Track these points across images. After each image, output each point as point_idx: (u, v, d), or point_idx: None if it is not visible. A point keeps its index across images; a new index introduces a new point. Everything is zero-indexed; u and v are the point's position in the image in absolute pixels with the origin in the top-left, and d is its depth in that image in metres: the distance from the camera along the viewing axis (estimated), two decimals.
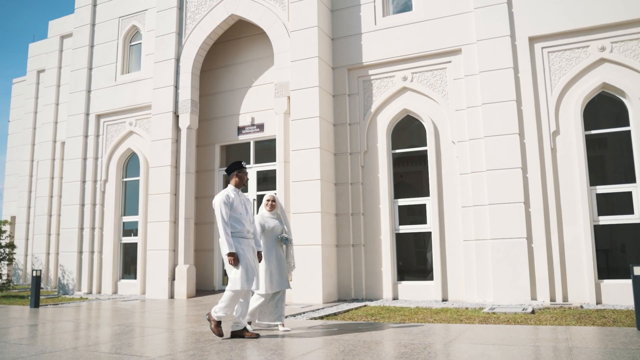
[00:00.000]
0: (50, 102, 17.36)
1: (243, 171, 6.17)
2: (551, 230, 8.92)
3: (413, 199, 10.25)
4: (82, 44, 14.16)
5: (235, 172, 6.12)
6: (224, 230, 5.74)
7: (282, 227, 6.51)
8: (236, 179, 6.11)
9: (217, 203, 5.87)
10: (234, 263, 5.67)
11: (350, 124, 10.70)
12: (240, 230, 5.86)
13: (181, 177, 11.77)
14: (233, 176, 6.12)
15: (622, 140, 8.96)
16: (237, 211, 5.90)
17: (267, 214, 6.50)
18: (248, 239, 5.94)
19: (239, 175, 6.12)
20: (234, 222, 5.85)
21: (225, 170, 6.24)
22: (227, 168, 6.19)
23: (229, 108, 12.48)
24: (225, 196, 5.91)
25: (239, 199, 5.98)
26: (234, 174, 6.12)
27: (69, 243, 13.28)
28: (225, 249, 5.68)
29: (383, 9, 10.85)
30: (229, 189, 6.05)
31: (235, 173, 6.11)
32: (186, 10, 12.39)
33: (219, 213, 5.81)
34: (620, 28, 8.96)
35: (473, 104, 9.62)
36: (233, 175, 6.12)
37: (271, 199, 6.56)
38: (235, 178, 6.11)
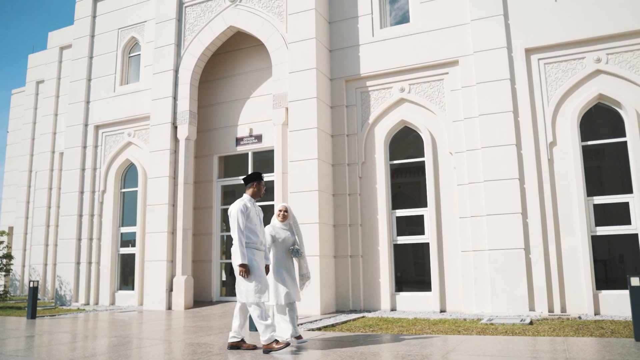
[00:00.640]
0: (49, 112, 17.41)
1: (262, 182, 6.14)
2: (549, 240, 8.93)
3: (411, 210, 10.26)
4: (82, 55, 14.22)
5: (255, 182, 6.07)
6: (238, 240, 5.66)
7: (293, 238, 6.34)
8: (254, 189, 6.06)
9: (234, 212, 5.78)
10: (245, 275, 5.60)
11: (348, 135, 10.74)
12: (254, 242, 5.80)
13: (179, 188, 11.78)
14: (252, 186, 6.06)
15: (619, 150, 9.01)
16: (252, 222, 5.83)
17: (279, 225, 6.34)
18: (261, 250, 5.89)
19: (258, 186, 6.09)
20: (249, 232, 5.78)
21: (243, 179, 6.20)
22: (247, 177, 6.15)
23: (227, 119, 12.52)
24: (243, 205, 5.83)
25: (254, 210, 5.93)
26: (253, 184, 6.07)
27: (67, 254, 13.25)
28: (238, 259, 5.61)
29: (381, 20, 10.94)
30: (246, 198, 5.97)
31: (255, 183, 6.07)
32: (185, 21, 12.46)
33: (235, 222, 5.72)
34: (616, 40, 9.04)
35: (470, 115, 9.67)
36: (252, 185, 6.06)
37: (283, 209, 6.41)
38: (253, 188, 6.06)
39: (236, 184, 12.37)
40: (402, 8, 11.01)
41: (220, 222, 12.41)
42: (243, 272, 5.60)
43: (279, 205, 6.60)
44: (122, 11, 13.90)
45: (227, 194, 12.70)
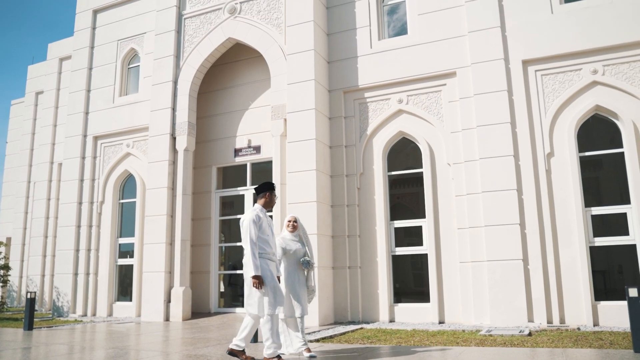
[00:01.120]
0: (48, 123, 17.44)
1: (274, 192, 6.09)
2: (547, 251, 8.93)
3: (409, 221, 10.27)
4: (81, 66, 14.28)
5: (267, 192, 6.02)
6: (251, 251, 5.56)
7: (304, 249, 6.28)
8: (266, 199, 6.00)
9: (247, 222, 5.70)
10: (259, 286, 5.49)
11: (346, 146, 10.77)
12: (267, 252, 5.72)
13: (178, 199, 11.78)
14: (264, 196, 6.01)
15: (617, 161, 9.03)
16: (265, 232, 5.77)
17: (289, 236, 6.28)
18: (274, 261, 5.81)
19: (271, 196, 6.04)
20: (262, 243, 5.70)
21: (255, 189, 6.13)
22: (259, 187, 6.08)
23: (226, 130, 12.55)
24: (256, 215, 5.75)
25: (266, 220, 5.86)
26: (265, 194, 6.01)
27: (65, 265, 13.21)
28: (251, 271, 5.51)
29: (379, 32, 11.01)
30: (258, 208, 5.89)
31: (267, 193, 6.01)
32: (184, 33, 12.53)
33: (248, 232, 5.63)
34: (612, 51, 9.10)
35: (468, 126, 9.70)
36: (264, 195, 6.01)
37: (293, 220, 6.36)
38: (265, 198, 6.00)
39: (235, 195, 12.37)
40: (400, 20, 11.09)
41: (219, 233, 12.40)
42: (257, 284, 5.48)
43: (288, 216, 6.53)
44: (122, 23, 13.98)
45: (226, 205, 12.70)
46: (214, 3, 12.21)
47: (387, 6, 11.24)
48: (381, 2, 11.22)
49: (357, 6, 11.20)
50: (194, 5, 12.55)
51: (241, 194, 12.18)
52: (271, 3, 11.51)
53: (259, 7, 11.63)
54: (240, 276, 11.96)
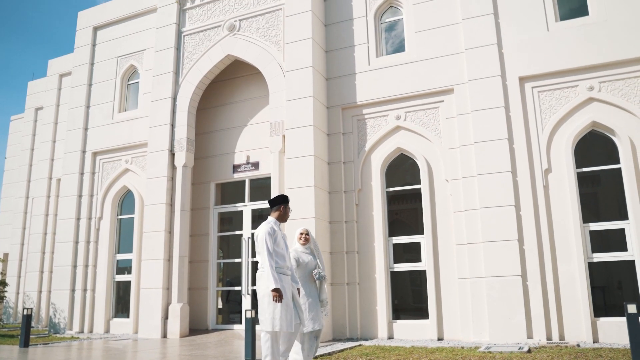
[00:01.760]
0: (47, 139, 17.47)
1: (288, 205, 6.07)
2: (546, 267, 8.91)
3: (407, 237, 10.26)
4: (81, 83, 14.35)
5: (282, 205, 5.99)
6: (269, 264, 5.48)
7: (315, 262, 6.26)
8: (280, 212, 5.97)
9: (262, 234, 5.65)
10: (279, 300, 5.39)
11: (344, 163, 10.79)
12: (281, 266, 5.64)
13: (176, 215, 11.77)
14: (278, 209, 5.98)
15: (615, 177, 9.06)
16: (279, 245, 5.71)
17: (301, 249, 6.27)
18: (287, 275, 5.72)
19: (285, 209, 6.01)
20: (277, 256, 5.63)
21: (269, 202, 6.10)
22: (273, 200, 6.04)
23: (225, 146, 12.58)
24: (270, 228, 5.70)
25: (280, 234, 5.82)
26: (279, 207, 5.98)
27: (62, 281, 13.15)
28: (272, 284, 5.40)
29: (376, 49, 11.10)
30: (272, 221, 5.85)
31: (281, 206, 5.98)
32: (183, 50, 12.62)
33: (264, 245, 5.57)
34: (608, 68, 9.18)
35: (466, 142, 9.74)
36: (278, 208, 5.98)
37: (305, 232, 6.34)
38: (279, 211, 5.97)
39: (233, 211, 12.36)
40: (398, 37, 11.19)
41: (217, 249, 12.36)
42: (277, 297, 5.39)
43: (299, 228, 6.50)
44: (122, 39, 14.08)
45: (224, 221, 12.68)
46: (213, 20, 12.33)
47: (384, 24, 11.35)
48: (379, 19, 11.33)
49: (355, 24, 11.31)
50: (193, 22, 12.66)
51: (239, 210, 12.17)
52: (270, 20, 11.62)
53: (258, 25, 11.74)
54: (237, 293, 11.91)
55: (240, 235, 12.02)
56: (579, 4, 9.79)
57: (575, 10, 9.81)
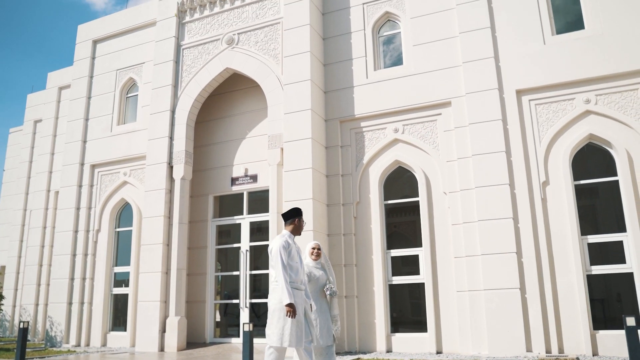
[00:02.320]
0: (45, 151, 17.47)
1: (302, 218, 5.99)
2: (544, 280, 8.90)
3: (406, 250, 10.24)
4: (80, 95, 14.39)
5: (296, 218, 5.91)
6: (283, 278, 5.38)
7: (326, 277, 6.22)
8: (295, 225, 5.90)
9: (276, 248, 5.56)
10: (292, 315, 5.30)
11: (342, 175, 10.80)
12: (295, 280, 5.55)
13: (174, 228, 11.74)
14: (292, 222, 5.91)
15: (613, 189, 9.07)
16: (293, 259, 5.62)
17: (312, 263, 6.22)
18: (301, 290, 5.62)
19: (299, 222, 5.93)
20: (290, 270, 5.54)
21: (283, 215, 6.02)
22: (287, 213, 5.96)
23: (223, 159, 12.59)
24: (285, 241, 5.62)
25: (295, 247, 5.73)
26: (294, 220, 5.91)
27: (59, 294, 13.08)
28: (286, 299, 5.30)
29: (374, 63, 11.16)
30: (286, 234, 5.78)
31: (296, 219, 5.91)
32: (182, 63, 12.68)
33: (279, 259, 5.48)
34: (604, 81, 9.24)
35: (463, 155, 9.77)
36: (292, 221, 5.91)
37: (317, 247, 6.31)
38: (294, 224, 5.90)
39: (231, 224, 12.34)
40: (396, 50, 11.26)
41: (215, 262, 12.33)
42: (291, 312, 5.29)
43: (311, 243, 6.45)
44: (121, 53, 14.15)
45: (222, 234, 12.65)
46: (212, 34, 12.40)
47: (382, 37, 11.43)
48: (377, 33, 11.41)
49: (353, 37, 11.38)
50: (192, 36, 12.74)
51: (238, 222, 12.16)
52: (268, 34, 11.69)
53: (257, 38, 11.81)
54: (235, 306, 11.86)
55: (239, 248, 11.99)
56: (575, 18, 9.88)
57: (571, 24, 9.89)
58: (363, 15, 11.44)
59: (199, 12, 12.74)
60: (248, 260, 11.67)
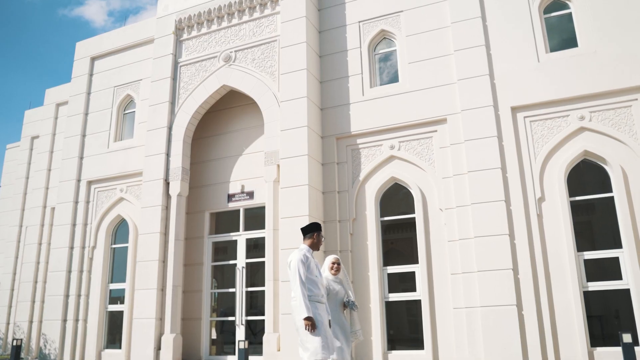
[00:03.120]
0: (42, 167, 17.43)
1: (321, 233, 5.99)
2: (541, 296, 8.88)
3: (402, 267, 10.22)
4: (77, 112, 14.43)
5: (315, 232, 5.91)
6: (301, 292, 5.37)
7: (345, 291, 6.19)
8: (313, 239, 5.91)
9: (295, 262, 5.56)
10: (312, 329, 5.28)
11: (339, 192, 10.81)
12: (316, 294, 5.53)
13: (170, 244, 11.71)
14: (311, 236, 5.90)
15: (609, 205, 9.09)
16: (312, 273, 5.61)
17: (332, 278, 6.19)
18: (323, 304, 5.59)
19: (318, 237, 5.93)
20: (310, 284, 5.52)
21: (302, 229, 6.01)
22: (306, 227, 5.97)
23: (220, 176, 12.59)
24: (303, 255, 5.62)
25: (313, 261, 5.72)
26: (313, 234, 5.91)
27: (53, 311, 12.98)
28: (303, 312, 5.29)
29: (370, 80, 11.23)
30: (304, 248, 5.77)
31: (314, 234, 5.91)
32: (179, 80, 12.75)
33: (297, 273, 5.47)
34: (598, 98, 9.32)
35: (459, 171, 9.80)
36: (311, 236, 5.90)
37: (336, 262, 6.28)
38: (312, 239, 5.90)
39: (227, 241, 12.30)
40: (392, 68, 11.35)
41: (211, 278, 12.26)
42: (309, 326, 5.27)
43: (331, 257, 6.45)
44: (119, 70, 14.23)
45: (218, 251, 12.61)
46: (210, 51, 12.49)
47: (378, 55, 11.52)
48: (373, 50, 11.50)
49: (349, 55, 11.48)
50: (189, 53, 12.82)
51: (234, 239, 12.13)
52: (265, 51, 11.78)
53: (254, 56, 11.89)
54: (232, 323, 11.78)
55: (235, 264, 11.95)
56: (568, 36, 9.99)
57: (565, 41, 10.00)
58: (359, 33, 11.54)
59: (197, 29, 12.85)
60: (244, 277, 11.62)
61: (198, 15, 12.73)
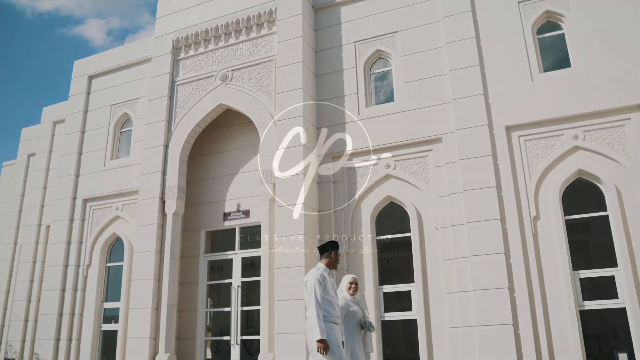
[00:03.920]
0: (38, 185, 17.38)
1: (339, 251, 5.87)
2: (537, 315, 8.85)
3: (398, 286, 10.18)
4: (74, 130, 14.46)
5: (332, 251, 5.80)
6: (316, 313, 5.24)
7: (362, 311, 6.14)
8: (331, 258, 5.78)
9: (311, 281, 5.42)
10: (324, 351, 5.17)
11: (335, 211, 10.81)
12: (332, 315, 5.42)
13: (165, 263, 11.65)
14: (329, 255, 5.79)
15: (604, 224, 9.10)
16: (329, 293, 5.48)
17: (349, 298, 6.12)
18: (338, 325, 5.49)
19: (336, 256, 5.82)
20: (327, 305, 5.40)
21: (319, 248, 5.92)
22: (323, 246, 5.85)
23: (215, 194, 12.58)
24: (320, 275, 5.49)
25: (330, 281, 5.60)
26: (331, 253, 5.79)
27: (47, 330, 12.85)
28: (317, 334, 5.17)
29: (366, 99, 11.30)
30: (322, 268, 5.65)
31: (332, 252, 5.79)
32: (176, 99, 12.80)
33: (313, 293, 5.34)
34: (591, 118, 9.39)
35: (454, 190, 9.82)
36: (329, 255, 5.79)
37: (354, 281, 6.23)
38: (330, 258, 5.78)
39: (223, 259, 12.25)
40: (387, 87, 11.44)
41: (206, 297, 12.19)
42: (322, 349, 5.16)
43: (348, 277, 6.37)
44: (116, 88, 14.29)
45: (214, 269, 12.55)
46: (206, 70, 12.57)
47: (374, 74, 11.62)
48: (368, 70, 11.60)
49: (345, 74, 11.56)
50: (187, 72, 12.90)
51: (230, 258, 12.08)
52: (262, 71, 11.86)
53: (250, 75, 11.97)
54: (227, 342, 11.68)
55: (230, 283, 11.88)
56: (561, 56, 10.10)
57: (558, 61, 10.11)
58: (355, 53, 11.65)
59: (194, 49, 12.94)
60: (240, 296, 11.56)
61: (195, 35, 12.84)
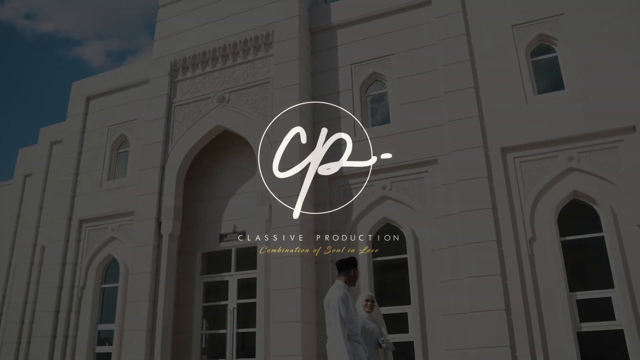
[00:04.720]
0: (34, 206, 17.29)
1: (357, 269, 5.80)
2: (534, 337, 8.80)
3: (394, 307, 10.10)
4: (71, 151, 14.48)
5: (351, 269, 5.70)
6: (342, 334, 5.11)
7: (379, 330, 6.08)
8: (350, 275, 5.69)
9: (335, 300, 5.29)
10: None
11: (331, 232, 10.79)
12: (355, 334, 5.31)
13: (161, 285, 11.56)
14: (347, 273, 5.69)
15: (600, 245, 9.10)
16: (351, 312, 5.38)
17: (366, 315, 6.07)
18: (360, 344, 5.38)
19: (355, 273, 5.73)
20: (350, 324, 5.28)
21: (337, 265, 5.84)
22: (342, 263, 5.77)
23: (212, 215, 12.54)
24: (344, 293, 5.38)
25: (350, 299, 5.49)
26: (350, 270, 5.69)
27: (39, 353, 12.70)
28: (344, 357, 5.03)
29: (362, 121, 11.35)
30: (342, 285, 5.55)
31: (352, 270, 5.70)
32: (174, 120, 12.84)
33: (337, 312, 5.21)
34: (585, 139, 9.47)
35: (450, 211, 9.84)
36: (348, 272, 5.69)
37: (370, 299, 6.18)
38: (349, 275, 5.68)
39: (219, 281, 12.17)
40: (384, 108, 11.52)
41: (202, 319, 12.06)
42: None
43: (365, 294, 6.32)
44: (113, 109, 14.35)
45: (210, 291, 12.44)
46: (204, 92, 12.64)
47: (370, 96, 11.71)
48: (364, 92, 11.69)
49: (341, 96, 11.65)
50: (184, 94, 12.97)
51: (225, 280, 12.01)
52: (259, 93, 11.94)
53: (247, 97, 12.04)
54: None
55: (226, 305, 11.79)
56: (554, 78, 10.22)
57: (552, 83, 10.22)
58: (351, 75, 11.75)
59: (191, 71, 13.03)
60: (235, 318, 11.46)
61: (193, 57, 12.95)
